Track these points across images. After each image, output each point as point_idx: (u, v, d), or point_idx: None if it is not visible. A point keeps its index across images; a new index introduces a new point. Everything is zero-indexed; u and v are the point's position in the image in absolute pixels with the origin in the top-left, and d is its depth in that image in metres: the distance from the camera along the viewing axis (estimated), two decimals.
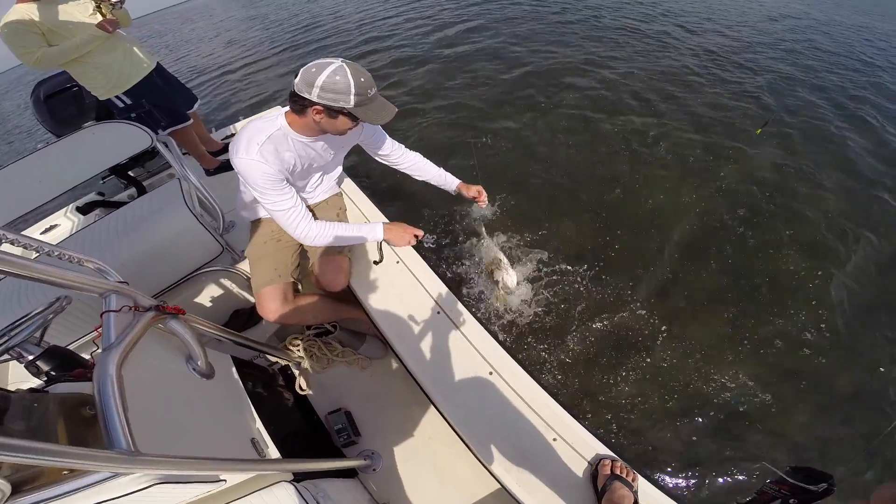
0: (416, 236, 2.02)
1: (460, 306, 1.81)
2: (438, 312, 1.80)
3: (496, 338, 1.69)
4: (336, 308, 2.16)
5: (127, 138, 2.23)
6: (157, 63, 3.11)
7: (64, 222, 3.22)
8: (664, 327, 2.80)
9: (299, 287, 2.10)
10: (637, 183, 3.96)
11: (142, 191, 3.32)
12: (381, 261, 2.05)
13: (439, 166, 2.31)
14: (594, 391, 2.52)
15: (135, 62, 2.93)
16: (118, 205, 3.22)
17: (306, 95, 1.52)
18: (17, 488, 0.79)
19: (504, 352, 1.65)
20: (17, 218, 2.03)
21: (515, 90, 5.79)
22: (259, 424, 1.58)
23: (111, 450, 0.81)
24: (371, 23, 10.76)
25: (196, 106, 3.33)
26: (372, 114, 1.59)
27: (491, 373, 1.59)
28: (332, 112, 1.56)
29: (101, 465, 0.76)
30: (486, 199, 2.39)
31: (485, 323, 1.75)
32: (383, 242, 2.04)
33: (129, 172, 3.46)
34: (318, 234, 1.84)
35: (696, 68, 6.18)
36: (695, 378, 2.56)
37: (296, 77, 1.54)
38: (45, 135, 3.41)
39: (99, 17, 2.69)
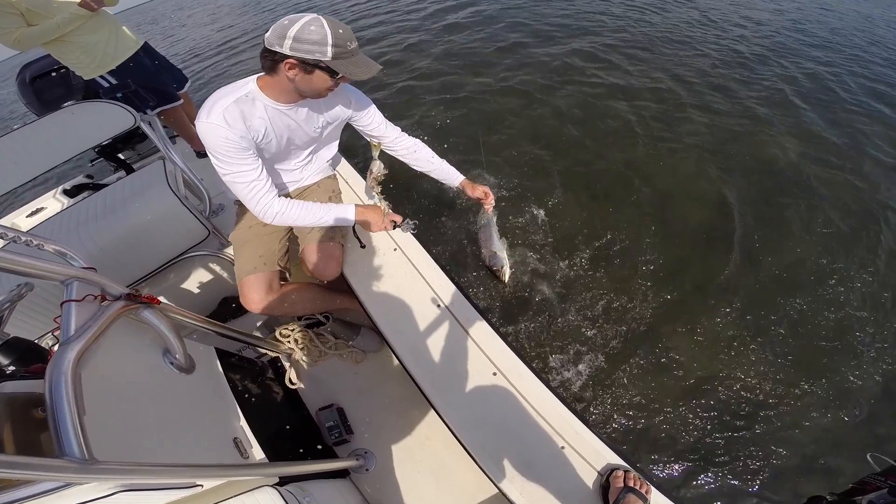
0: (395, 222, 1.82)
1: (463, 300, 1.68)
2: (439, 306, 1.67)
3: (502, 336, 1.57)
4: (327, 298, 2.03)
5: (108, 118, 2.11)
6: (145, 42, 2.99)
7: (51, 205, 3.15)
8: (680, 322, 2.69)
9: (287, 275, 1.99)
10: (647, 167, 3.83)
11: (130, 173, 3.20)
12: (364, 246, 1.91)
13: (442, 157, 2.12)
14: (603, 390, 2.41)
15: (120, 41, 2.81)
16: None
17: (278, 48, 1.38)
18: None
19: (511, 351, 1.53)
20: None
21: (524, 70, 5.64)
22: (243, 422, 1.49)
23: (61, 458, 0.71)
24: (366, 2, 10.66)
25: (187, 86, 3.20)
26: (352, 67, 1.45)
27: (495, 373, 1.48)
28: (307, 66, 1.42)
29: (47, 475, 0.68)
30: (493, 201, 2.22)
31: (490, 319, 1.62)
32: (357, 226, 1.87)
33: (119, 155, 3.36)
34: (278, 212, 1.65)
35: (715, 47, 6.02)
36: (713, 377, 2.46)
37: (267, 33, 1.41)
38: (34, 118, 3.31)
39: None
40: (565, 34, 6.49)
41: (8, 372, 0.98)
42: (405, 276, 1.80)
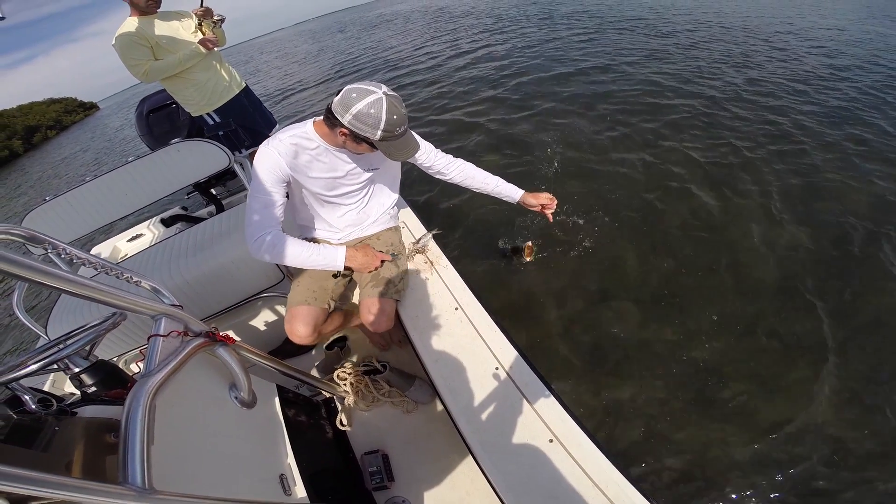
0: (383, 260, 1.95)
1: (523, 364, 1.65)
2: (497, 369, 1.66)
3: (563, 403, 1.52)
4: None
5: (207, 157, 2.34)
6: (246, 84, 3.27)
7: (149, 232, 3.45)
8: (754, 381, 2.46)
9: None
10: (719, 214, 3.65)
11: (220, 208, 3.48)
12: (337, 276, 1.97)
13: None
14: (665, 451, 2.24)
15: (227, 82, 3.09)
16: (198, 220, 3.40)
17: (339, 117, 1.57)
18: None
19: (571, 419, 1.47)
20: (98, 228, 2.18)
21: (585, 111, 5.79)
22: (291, 459, 1.53)
23: (122, 485, 0.76)
24: (435, 55, 11.35)
25: (275, 130, 3.45)
26: (393, 150, 1.64)
27: (551, 440, 1.43)
28: (358, 138, 1.61)
29: (107, 501, 0.70)
30: (555, 207, 2.21)
31: (550, 384, 1.58)
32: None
33: (212, 190, 3.64)
34: (270, 242, 1.69)
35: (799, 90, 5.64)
36: (788, 440, 2.22)
37: (337, 95, 1.58)
38: (143, 147, 3.68)
39: (200, 35, 2.86)
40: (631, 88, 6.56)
41: (89, 392, 1.07)
42: (465, 335, 1.80)
